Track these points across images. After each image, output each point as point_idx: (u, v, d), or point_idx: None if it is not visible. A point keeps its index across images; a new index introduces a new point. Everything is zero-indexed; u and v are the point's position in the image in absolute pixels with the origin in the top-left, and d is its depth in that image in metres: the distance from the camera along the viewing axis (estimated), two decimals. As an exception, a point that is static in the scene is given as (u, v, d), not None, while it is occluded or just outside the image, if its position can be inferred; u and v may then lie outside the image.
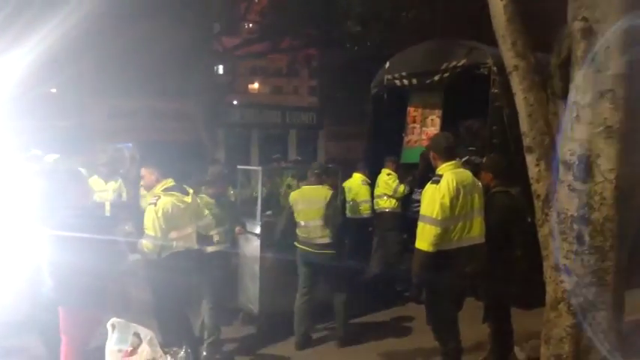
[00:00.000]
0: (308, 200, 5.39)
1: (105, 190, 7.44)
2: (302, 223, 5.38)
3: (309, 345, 5.43)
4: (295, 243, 5.43)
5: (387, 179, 7.13)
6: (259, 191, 6.11)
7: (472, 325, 4.53)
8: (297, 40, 15.36)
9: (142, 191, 6.76)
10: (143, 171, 4.64)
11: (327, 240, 5.34)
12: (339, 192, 5.99)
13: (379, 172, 7.26)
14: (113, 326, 3.37)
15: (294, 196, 5.51)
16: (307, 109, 19.72)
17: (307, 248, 5.37)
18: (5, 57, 7.62)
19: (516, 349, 4.77)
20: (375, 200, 7.19)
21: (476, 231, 3.96)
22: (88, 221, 3.87)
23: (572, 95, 3.10)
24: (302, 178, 7.59)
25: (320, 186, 5.51)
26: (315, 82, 28.80)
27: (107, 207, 7.24)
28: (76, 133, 12.98)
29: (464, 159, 6.62)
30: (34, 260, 4.08)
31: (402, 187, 7.06)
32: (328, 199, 5.35)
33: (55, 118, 12.97)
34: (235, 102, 21.98)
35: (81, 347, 3.77)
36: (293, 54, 17.26)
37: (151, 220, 4.31)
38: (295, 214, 5.40)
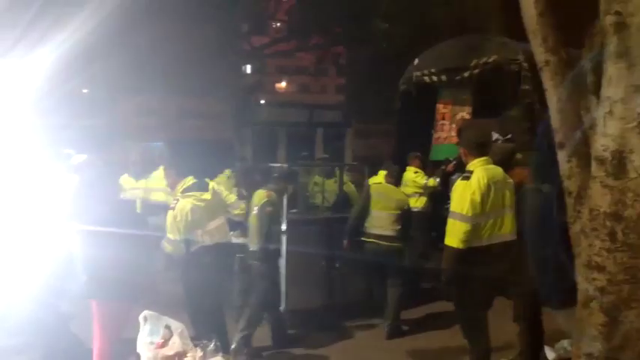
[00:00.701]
0: (387, 196, 5.72)
1: (136, 188, 7.61)
2: (375, 212, 5.65)
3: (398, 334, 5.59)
4: (362, 238, 5.68)
5: (415, 177, 6.99)
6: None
7: (502, 324, 4.49)
8: (325, 38, 15.38)
9: None
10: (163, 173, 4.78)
11: (394, 233, 5.62)
12: (364, 189, 6.08)
13: (405, 170, 7.17)
14: (145, 318, 3.45)
15: (375, 187, 5.82)
16: (334, 107, 19.76)
17: (374, 240, 5.63)
18: (33, 54, 7.77)
19: (546, 348, 4.71)
20: None
21: (507, 228, 3.92)
22: (120, 217, 3.98)
23: (605, 90, 3.04)
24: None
25: (399, 189, 5.99)
26: (343, 80, 28.75)
27: (138, 204, 7.41)
28: (107, 132, 13.27)
29: (508, 136, 6.57)
30: (61, 255, 4.21)
31: (431, 181, 6.90)
32: (406, 206, 5.84)
33: (85, 116, 13.28)
34: (262, 101, 22.12)
35: (113, 338, 3.86)
36: (320, 52, 17.28)
37: (169, 224, 4.47)
38: (372, 203, 5.67)
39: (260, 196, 5.23)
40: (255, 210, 5.16)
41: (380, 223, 5.63)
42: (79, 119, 13.05)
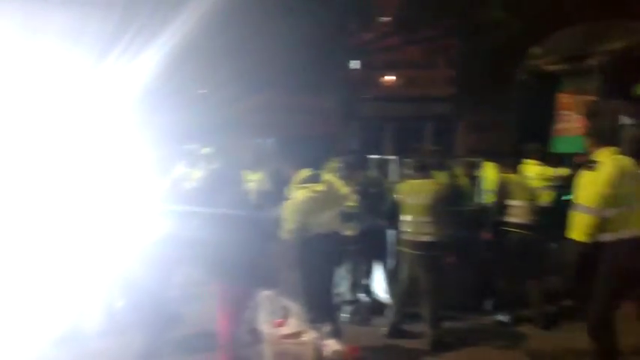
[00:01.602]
0: (520, 185, 5.78)
1: (250, 181, 8.06)
2: (515, 202, 5.64)
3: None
4: (505, 228, 5.68)
5: (543, 171, 6.52)
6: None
7: (632, 326, 4.19)
8: (435, 29, 15.05)
9: None
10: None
11: (532, 223, 5.60)
12: (501, 181, 5.90)
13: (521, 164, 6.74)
14: (265, 299, 3.64)
15: (508, 178, 5.82)
16: (444, 100, 19.23)
17: (517, 230, 5.62)
18: (148, 57, 8.27)
19: (683, 356, 4.32)
20: None
21: (638, 223, 3.65)
22: (244, 206, 4.25)
23: None
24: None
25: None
26: (453, 72, 27.96)
27: (252, 195, 7.84)
28: (223, 128, 14.03)
29: None
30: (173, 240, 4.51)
31: (565, 170, 6.46)
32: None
33: (202, 115, 14.14)
34: (370, 95, 22.08)
35: (237, 317, 4.12)
36: (430, 44, 16.93)
37: (286, 214, 4.75)
38: (510, 194, 5.69)
39: (429, 185, 5.22)
40: (427, 199, 5.13)
41: (521, 212, 5.60)
42: (197, 118, 13.92)
